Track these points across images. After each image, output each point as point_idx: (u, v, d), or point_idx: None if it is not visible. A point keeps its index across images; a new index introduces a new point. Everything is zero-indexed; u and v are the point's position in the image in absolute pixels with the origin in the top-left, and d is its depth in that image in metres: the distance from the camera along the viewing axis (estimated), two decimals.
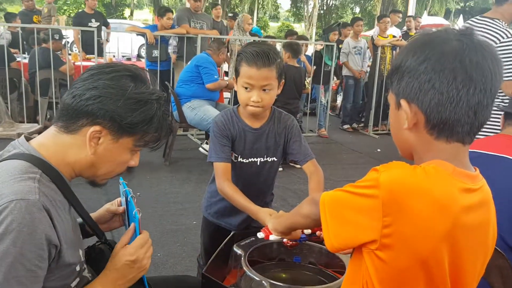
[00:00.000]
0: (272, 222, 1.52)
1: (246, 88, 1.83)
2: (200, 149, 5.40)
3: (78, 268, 1.21)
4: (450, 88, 0.92)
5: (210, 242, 2.14)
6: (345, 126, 7.63)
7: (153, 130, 1.22)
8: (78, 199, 1.23)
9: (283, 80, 1.91)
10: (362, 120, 7.91)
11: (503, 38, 2.66)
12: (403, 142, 1.04)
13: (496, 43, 2.65)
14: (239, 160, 1.99)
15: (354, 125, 7.58)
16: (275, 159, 2.03)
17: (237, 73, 1.88)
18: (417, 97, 0.95)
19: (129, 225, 1.33)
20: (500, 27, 2.69)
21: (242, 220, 2.05)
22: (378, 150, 6.33)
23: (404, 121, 0.98)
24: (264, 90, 1.83)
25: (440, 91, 0.92)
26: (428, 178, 0.93)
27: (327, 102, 7.20)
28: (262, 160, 2.01)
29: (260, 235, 1.57)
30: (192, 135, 6.24)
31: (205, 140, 5.41)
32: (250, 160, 2.00)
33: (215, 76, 4.94)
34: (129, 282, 1.24)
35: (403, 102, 0.98)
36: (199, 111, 4.77)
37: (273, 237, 1.54)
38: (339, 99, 8.88)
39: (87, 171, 1.23)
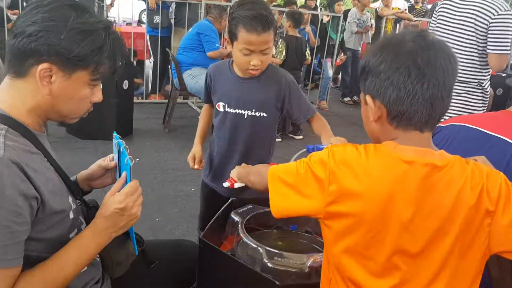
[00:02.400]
0: (237, 172, 1.56)
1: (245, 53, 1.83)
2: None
3: (72, 215, 1.21)
4: (406, 83, 1.03)
5: (205, 206, 2.21)
6: (346, 99, 7.60)
7: (106, 60, 1.16)
8: (48, 152, 1.20)
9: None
10: None
11: (500, 11, 2.66)
12: (371, 132, 1.17)
13: (493, 16, 2.66)
14: (226, 109, 2.01)
15: (355, 97, 7.55)
16: (265, 115, 1.99)
17: (233, 36, 1.84)
18: (379, 93, 1.07)
19: (120, 175, 1.30)
20: (496, 1, 2.70)
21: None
22: None
23: (370, 114, 1.11)
24: (263, 52, 1.83)
25: (398, 87, 1.04)
26: (366, 154, 1.07)
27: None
28: (250, 113, 1.99)
29: (226, 184, 1.59)
30: (193, 103, 6.22)
31: None
32: (236, 111, 1.99)
33: (217, 45, 4.90)
34: (121, 230, 1.23)
35: (368, 98, 1.10)
36: (200, 79, 4.73)
37: (238, 185, 1.57)
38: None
39: (52, 113, 1.19)
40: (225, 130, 2.04)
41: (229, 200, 1.80)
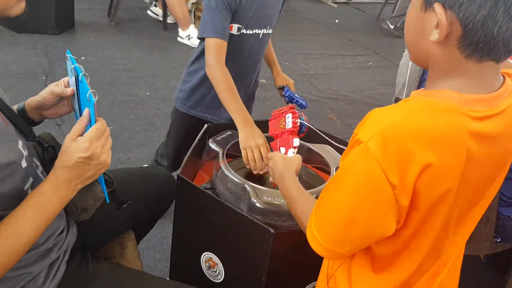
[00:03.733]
0: (278, 178, 1.16)
1: None
2: (149, 12, 4.92)
3: (24, 164, 1.00)
4: None
5: (185, 140, 1.79)
6: None
7: None
8: None
9: None
10: None
11: None
12: (421, 52, 0.81)
13: None
14: (241, 32, 1.67)
15: None
16: (271, 31, 1.77)
17: None
18: (460, 3, 0.71)
19: (81, 112, 1.06)
20: None
21: None
22: (336, 21, 6.06)
23: (432, 29, 0.75)
24: None
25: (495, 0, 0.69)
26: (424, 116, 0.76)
27: None
28: (264, 31, 1.73)
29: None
30: None
31: (154, 2, 4.90)
32: (254, 31, 1.70)
33: None
34: (87, 180, 1.01)
35: (437, 7, 0.73)
36: None
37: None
38: None
39: None
40: (237, 57, 1.71)
41: (205, 126, 1.59)
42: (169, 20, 4.74)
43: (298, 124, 1.23)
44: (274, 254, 1.19)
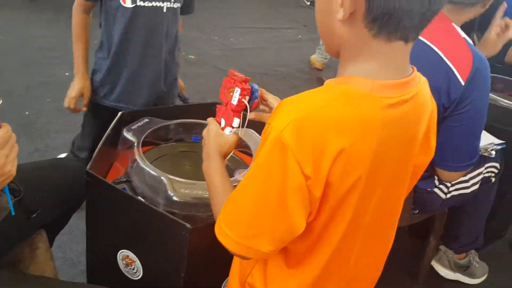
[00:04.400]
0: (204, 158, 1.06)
1: None
2: None
3: None
4: None
5: (102, 132, 1.58)
6: None
7: None
8: None
9: None
10: None
11: None
12: (330, 35, 0.78)
13: None
14: (138, 3, 1.56)
15: None
16: (179, 5, 1.66)
17: None
18: None
19: None
20: None
21: (150, 96, 1.72)
22: None
23: (338, 8, 0.72)
24: None
25: None
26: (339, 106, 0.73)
27: None
28: (168, 5, 1.61)
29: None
30: None
31: None
32: (153, 4, 1.58)
33: None
34: None
35: None
36: None
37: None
38: None
39: None
40: (137, 35, 1.61)
41: (118, 114, 1.50)
42: None
43: (246, 103, 1.13)
44: (192, 249, 1.14)
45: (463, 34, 1.44)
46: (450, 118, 1.46)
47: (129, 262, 1.28)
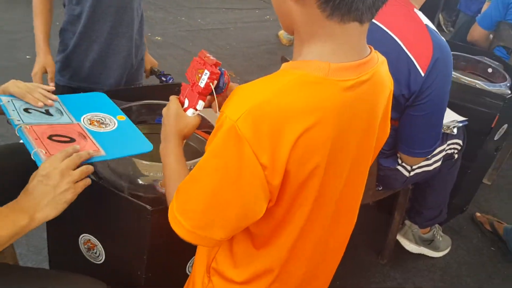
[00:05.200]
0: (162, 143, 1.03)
1: None
2: None
3: None
4: None
5: None
6: None
7: None
8: None
9: None
10: None
11: None
12: (284, 15, 0.76)
13: None
14: None
15: None
16: None
17: None
18: None
19: None
20: None
21: (119, 75, 1.68)
22: None
23: None
24: None
25: None
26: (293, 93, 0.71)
27: None
28: None
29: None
30: None
31: None
32: None
33: None
34: None
35: None
36: None
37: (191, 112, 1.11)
38: None
39: None
40: (105, 14, 1.58)
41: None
42: None
43: (212, 88, 1.10)
44: (154, 231, 1.13)
45: (425, 21, 1.43)
46: (412, 107, 1.47)
47: (91, 246, 1.26)
